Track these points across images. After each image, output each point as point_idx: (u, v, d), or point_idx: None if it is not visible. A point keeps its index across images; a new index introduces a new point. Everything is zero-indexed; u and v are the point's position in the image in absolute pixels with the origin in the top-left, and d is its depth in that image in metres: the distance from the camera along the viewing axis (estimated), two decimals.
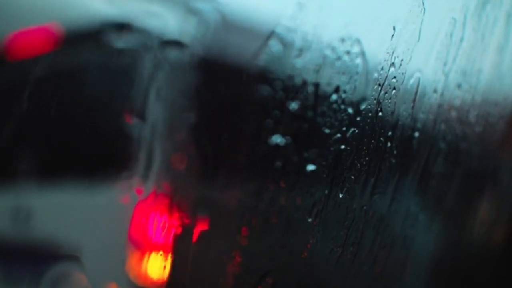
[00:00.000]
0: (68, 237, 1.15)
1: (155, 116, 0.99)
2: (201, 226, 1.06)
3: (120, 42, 0.99)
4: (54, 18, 1.17)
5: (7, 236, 1.20)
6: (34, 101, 1.16)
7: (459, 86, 1.61)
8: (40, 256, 1.14)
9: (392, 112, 1.26)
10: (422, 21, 1.28)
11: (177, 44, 0.92)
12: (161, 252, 1.09)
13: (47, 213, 1.21)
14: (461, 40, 1.51)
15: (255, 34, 0.99)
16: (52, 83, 1.12)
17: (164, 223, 1.06)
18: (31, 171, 1.22)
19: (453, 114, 1.61)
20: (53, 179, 1.24)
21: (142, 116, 1.01)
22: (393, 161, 1.32)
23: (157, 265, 1.12)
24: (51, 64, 1.18)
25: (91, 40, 1.14)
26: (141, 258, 1.18)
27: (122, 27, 0.97)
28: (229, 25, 0.95)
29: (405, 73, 1.27)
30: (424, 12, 1.27)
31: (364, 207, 1.27)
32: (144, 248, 1.16)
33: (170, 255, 1.07)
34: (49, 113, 1.12)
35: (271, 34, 0.96)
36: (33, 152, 1.24)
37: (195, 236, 1.06)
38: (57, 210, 1.21)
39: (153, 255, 1.13)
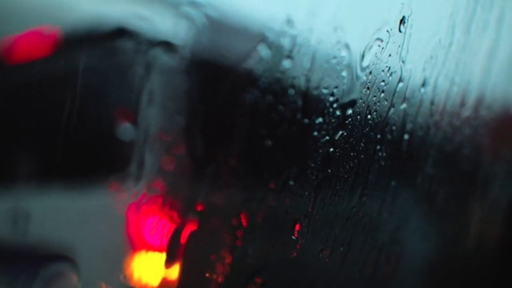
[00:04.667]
0: (62, 239, 1.16)
1: (148, 119, 1.01)
2: (193, 227, 1.07)
3: (114, 45, 1.00)
4: (49, 21, 1.18)
5: (2, 237, 1.21)
6: (30, 104, 1.18)
7: (449, 89, 1.62)
8: (34, 257, 1.15)
9: (381, 115, 1.27)
10: (411, 25, 1.29)
11: (168, 47, 0.93)
12: (153, 253, 1.10)
13: (42, 215, 1.22)
14: (451, 44, 1.52)
15: (245, 37, 1.00)
16: (48, 87, 1.13)
17: (157, 224, 1.07)
18: (26, 173, 1.22)
19: (443, 116, 1.62)
20: (47, 181, 1.25)
21: (134, 119, 1.02)
22: (382, 163, 1.33)
23: (150, 266, 1.13)
24: (48, 67, 1.19)
25: (86, 44, 1.15)
26: (133, 259, 1.18)
27: (115, 31, 0.99)
28: (219, 29, 0.97)
29: (394, 76, 1.29)
30: (413, 16, 1.29)
31: (354, 208, 1.28)
32: (137, 249, 1.17)
33: (162, 256, 1.08)
34: (45, 116, 1.13)
35: (260, 38, 0.97)
36: (27, 155, 1.25)
37: (187, 237, 1.07)
38: (51, 212, 1.21)
39: (146, 256, 1.14)
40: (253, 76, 0.99)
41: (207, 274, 1.10)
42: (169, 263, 1.09)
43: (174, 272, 1.10)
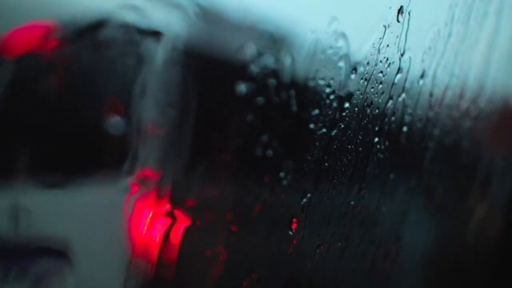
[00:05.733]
0: (54, 235, 1.14)
1: (140, 112, 0.99)
2: (187, 222, 1.06)
3: (105, 37, 0.99)
4: (44, 15, 1.16)
5: None
6: (24, 100, 1.16)
7: (448, 80, 1.61)
8: (26, 252, 1.13)
9: (379, 107, 1.26)
10: (409, 14, 1.28)
11: (159, 39, 0.91)
12: (148, 248, 1.09)
13: (34, 211, 1.20)
14: (450, 34, 1.51)
15: (238, 27, 0.98)
16: (43, 81, 1.12)
17: (151, 220, 1.06)
18: (19, 168, 1.21)
19: (443, 108, 1.61)
20: (40, 177, 1.24)
21: (126, 112, 1.00)
22: (381, 156, 1.32)
23: (144, 261, 1.12)
24: (43, 62, 1.18)
25: (78, 36, 1.14)
26: (128, 255, 1.18)
27: (106, 22, 0.97)
28: (212, 18, 0.95)
29: (392, 67, 1.27)
30: (411, 6, 1.27)
31: (352, 202, 1.27)
32: (131, 244, 1.16)
33: (156, 251, 1.07)
34: (39, 110, 1.12)
35: (254, 28, 0.95)
36: (20, 150, 1.23)
37: (181, 232, 1.06)
38: (43, 208, 1.20)
39: (140, 251, 1.13)
40: (247, 67, 0.97)
41: (202, 270, 1.09)
42: (163, 258, 1.08)
43: (169, 267, 1.09)
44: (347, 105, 1.17)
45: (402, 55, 1.30)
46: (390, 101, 1.31)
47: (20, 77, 1.17)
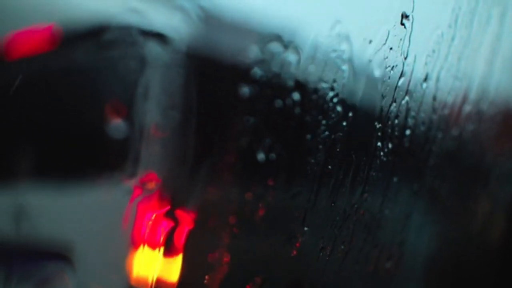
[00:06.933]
0: (57, 237, 1.14)
1: (142, 115, 0.99)
2: (190, 225, 1.06)
3: (108, 40, 0.99)
4: (46, 17, 1.17)
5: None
6: (28, 101, 1.16)
7: (452, 84, 1.61)
8: (29, 255, 1.13)
9: (382, 110, 1.26)
10: (413, 18, 1.28)
11: (162, 41, 0.91)
12: (151, 252, 1.09)
13: (37, 213, 1.20)
14: (453, 38, 1.51)
15: (241, 30, 0.98)
16: (45, 83, 1.12)
17: (154, 223, 1.06)
18: (22, 170, 1.21)
19: (446, 111, 1.61)
20: (43, 179, 1.24)
21: (129, 114, 1.00)
22: (384, 159, 1.32)
23: (147, 265, 1.12)
24: (45, 64, 1.18)
25: (80, 39, 1.14)
26: (130, 258, 1.17)
27: (109, 25, 0.97)
28: (215, 21, 0.95)
29: (396, 70, 1.27)
30: (415, 9, 1.27)
31: (355, 205, 1.27)
32: (134, 247, 1.16)
33: (159, 254, 1.07)
34: (42, 113, 1.12)
35: (256, 30, 0.95)
36: (23, 151, 1.23)
37: (184, 235, 1.06)
38: (47, 210, 1.20)
39: (143, 254, 1.13)
40: (250, 70, 0.97)
41: (205, 273, 1.09)
42: (166, 262, 1.07)
43: (172, 271, 1.09)
44: (350, 108, 1.17)
45: (405, 58, 1.30)
46: (394, 104, 1.30)
47: (22, 79, 1.17)
